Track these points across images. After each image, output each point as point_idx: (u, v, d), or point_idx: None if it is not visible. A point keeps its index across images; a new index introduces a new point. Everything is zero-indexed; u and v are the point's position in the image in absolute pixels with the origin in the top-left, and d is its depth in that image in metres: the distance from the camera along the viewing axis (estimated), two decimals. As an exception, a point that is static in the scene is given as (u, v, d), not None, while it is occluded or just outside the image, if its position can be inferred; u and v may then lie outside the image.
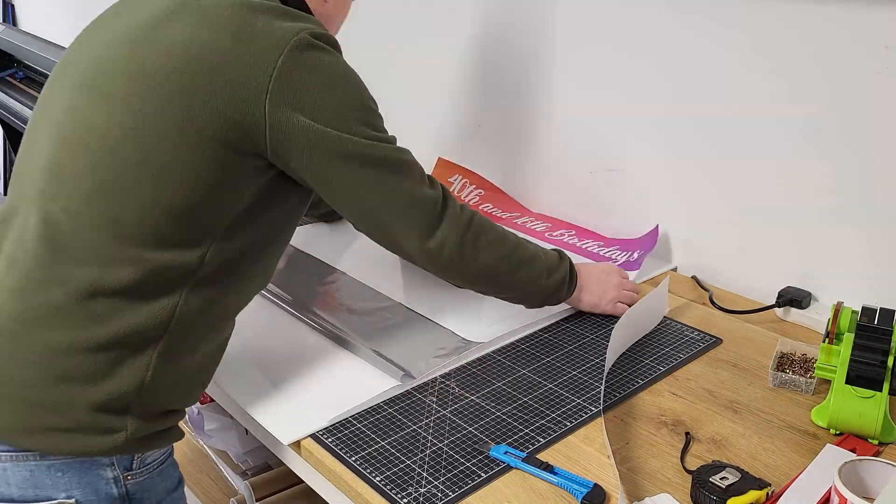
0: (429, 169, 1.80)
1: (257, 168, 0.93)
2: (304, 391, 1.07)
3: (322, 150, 0.93)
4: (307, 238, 1.55)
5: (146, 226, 0.88)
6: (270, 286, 1.33)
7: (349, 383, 1.08)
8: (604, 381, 1.07)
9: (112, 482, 0.92)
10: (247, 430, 1.24)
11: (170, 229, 0.89)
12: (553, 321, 1.24)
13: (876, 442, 0.95)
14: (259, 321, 1.25)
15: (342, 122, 0.94)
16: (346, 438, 0.98)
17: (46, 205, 0.90)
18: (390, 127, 1.04)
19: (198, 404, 1.47)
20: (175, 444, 1.02)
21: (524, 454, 0.93)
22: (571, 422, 1.00)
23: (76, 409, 0.87)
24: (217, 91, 0.88)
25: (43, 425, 0.87)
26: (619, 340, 1.12)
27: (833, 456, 0.91)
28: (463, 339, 1.19)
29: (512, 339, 1.19)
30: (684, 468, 0.92)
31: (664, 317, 1.25)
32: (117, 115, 0.89)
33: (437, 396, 1.06)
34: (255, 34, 0.90)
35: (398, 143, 1.03)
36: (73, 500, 0.90)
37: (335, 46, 0.98)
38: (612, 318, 1.23)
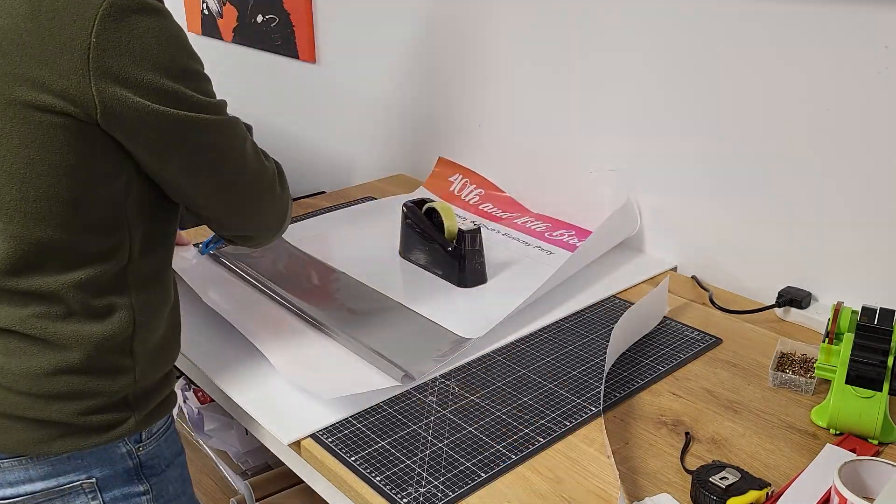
0: (429, 168, 1.81)
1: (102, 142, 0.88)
2: (304, 391, 1.07)
3: (158, 127, 0.87)
4: (307, 238, 1.55)
5: (68, 242, 0.88)
6: (271, 286, 1.33)
7: (349, 383, 1.08)
8: (604, 381, 1.07)
9: (126, 456, 0.96)
10: (247, 430, 1.24)
11: (87, 234, 0.88)
12: (552, 321, 1.24)
13: (876, 442, 0.96)
14: (259, 321, 1.25)
15: (174, 95, 0.88)
16: (346, 438, 0.98)
17: None
18: (391, 127, 1.03)
19: (198, 404, 1.47)
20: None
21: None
22: (571, 422, 1.00)
23: (82, 417, 0.91)
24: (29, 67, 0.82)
25: (55, 435, 0.90)
26: (619, 340, 1.12)
27: (833, 456, 0.91)
28: (461, 336, 1.19)
29: (512, 339, 1.19)
30: (684, 468, 0.92)
31: (664, 316, 1.25)
32: None
33: (437, 396, 1.06)
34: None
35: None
36: (93, 480, 0.94)
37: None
38: (612, 319, 1.23)
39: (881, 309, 1.00)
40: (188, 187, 0.94)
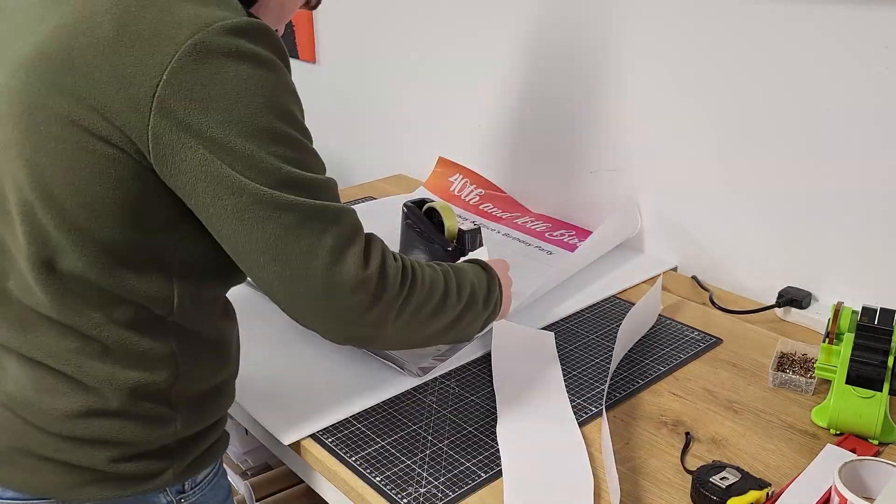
0: (429, 168, 1.80)
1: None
2: (304, 391, 1.07)
3: (215, 191, 0.76)
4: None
5: (106, 279, 0.81)
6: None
7: (349, 383, 1.08)
8: (608, 382, 1.07)
9: None
10: (247, 430, 1.24)
11: (129, 276, 0.81)
12: (552, 321, 1.24)
13: (876, 442, 0.95)
14: (259, 321, 1.25)
15: (247, 158, 0.75)
16: (346, 438, 0.98)
17: None
18: (391, 127, 1.02)
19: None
20: None
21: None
22: (571, 422, 1.00)
23: (114, 465, 0.85)
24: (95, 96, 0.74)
25: (85, 481, 0.85)
26: (624, 341, 1.12)
27: (833, 456, 0.91)
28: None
29: (512, 339, 1.19)
30: (684, 468, 0.92)
31: (665, 316, 1.25)
32: None
33: (437, 396, 1.06)
34: (142, 26, 0.74)
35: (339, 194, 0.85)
36: None
37: (267, 43, 0.78)
38: (612, 319, 1.23)
39: (881, 309, 1.00)
40: (240, 263, 0.83)
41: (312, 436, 0.99)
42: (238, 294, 1.32)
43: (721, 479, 0.86)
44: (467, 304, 0.98)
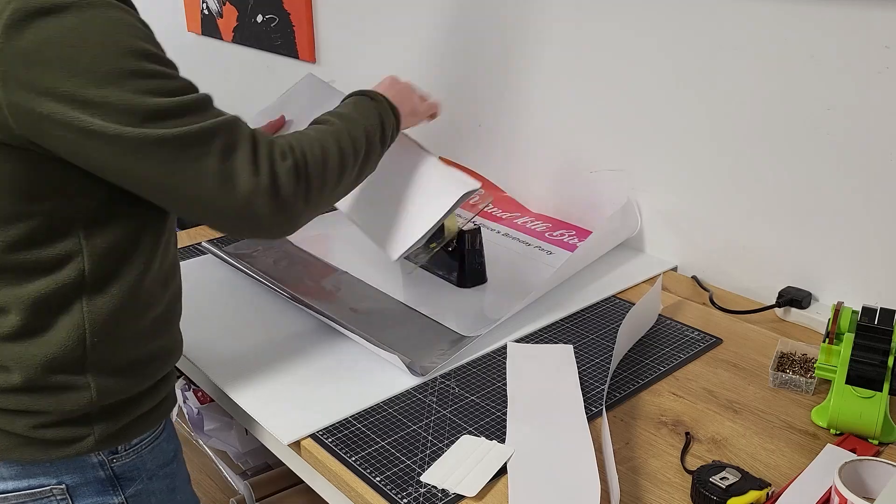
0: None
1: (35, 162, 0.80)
2: (304, 391, 1.07)
3: (89, 145, 0.77)
4: (308, 238, 1.54)
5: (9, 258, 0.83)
6: (272, 285, 1.33)
7: (349, 383, 1.08)
8: (608, 382, 1.07)
9: (98, 466, 0.92)
10: (247, 430, 1.24)
11: (24, 258, 0.83)
12: (552, 321, 1.24)
13: (876, 442, 0.95)
14: (258, 321, 1.25)
15: (104, 104, 0.76)
16: (346, 438, 0.98)
17: None
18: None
19: (197, 404, 1.47)
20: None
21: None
22: (571, 422, 1.00)
23: (35, 431, 0.88)
24: None
25: (14, 444, 0.88)
26: (623, 342, 1.12)
27: (833, 456, 0.91)
28: (461, 335, 1.19)
29: (512, 339, 1.19)
30: (684, 468, 0.92)
31: (665, 316, 1.25)
32: None
33: (437, 396, 1.06)
34: None
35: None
36: (63, 486, 0.91)
37: None
38: (612, 319, 1.23)
39: (881, 309, 1.00)
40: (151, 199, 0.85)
41: (312, 436, 0.99)
42: (238, 293, 1.33)
43: (721, 479, 0.86)
44: (367, 154, 1.02)
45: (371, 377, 1.09)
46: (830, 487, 0.81)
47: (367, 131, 1.03)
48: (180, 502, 1.03)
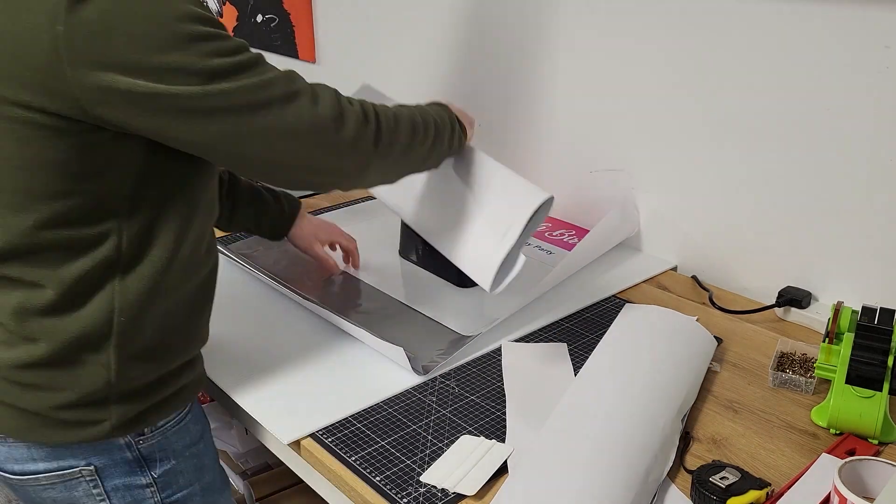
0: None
1: (102, 140, 0.83)
2: (305, 390, 1.07)
3: (158, 111, 0.80)
4: (307, 238, 1.54)
5: (41, 237, 0.85)
6: (272, 285, 1.33)
7: (349, 383, 1.08)
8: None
9: (125, 447, 0.94)
10: (247, 430, 1.24)
11: (68, 237, 0.85)
12: (552, 321, 1.24)
13: (876, 442, 0.95)
14: (258, 321, 1.25)
15: (167, 69, 0.78)
16: (346, 438, 0.98)
17: None
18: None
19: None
20: None
21: None
22: (571, 422, 1.00)
23: (54, 411, 0.89)
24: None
25: (36, 425, 0.90)
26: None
27: (833, 457, 0.91)
28: (461, 335, 1.19)
29: (512, 339, 1.19)
30: (684, 468, 0.92)
31: (664, 317, 1.25)
32: None
33: (437, 396, 1.06)
34: None
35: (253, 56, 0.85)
36: (91, 467, 0.93)
37: None
38: (612, 319, 1.23)
39: (881, 309, 1.00)
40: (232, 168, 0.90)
41: (312, 436, 0.99)
42: (238, 293, 1.33)
43: (721, 478, 0.86)
44: (436, 138, 1.05)
45: (371, 377, 1.09)
46: (830, 487, 0.81)
47: (437, 123, 1.07)
48: (209, 481, 1.05)
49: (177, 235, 0.91)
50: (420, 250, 1.42)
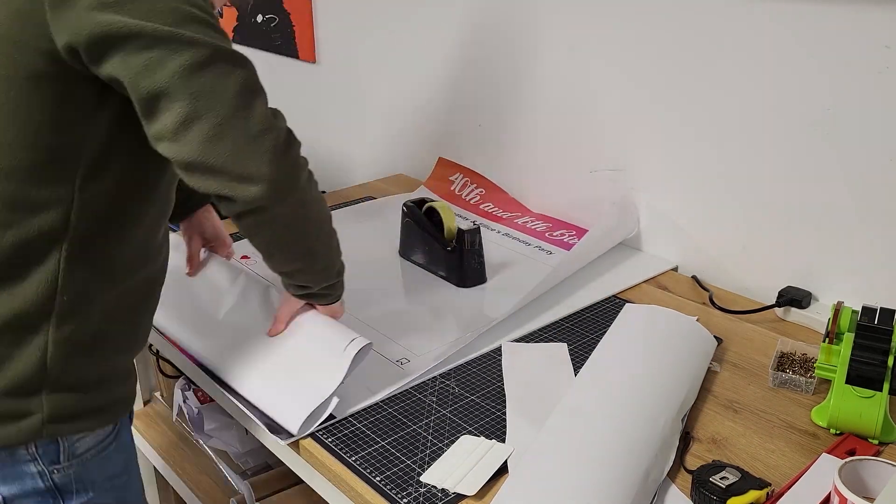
0: (429, 168, 1.81)
1: (85, 97, 0.81)
2: (305, 390, 1.07)
3: (120, 45, 0.77)
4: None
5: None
6: (273, 286, 1.33)
7: (349, 383, 1.08)
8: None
9: (38, 476, 0.87)
10: (247, 430, 1.24)
11: (13, 192, 0.81)
12: (552, 321, 1.24)
13: (876, 442, 0.95)
14: (258, 321, 1.25)
15: (142, 4, 0.77)
16: (346, 438, 0.98)
17: None
18: (391, 127, 1.02)
19: (198, 404, 1.47)
20: (173, 442, 0.98)
21: None
22: (571, 422, 1.00)
23: None
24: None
25: None
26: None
27: (832, 461, 0.91)
28: (461, 335, 1.19)
29: (512, 339, 1.19)
30: (684, 468, 0.92)
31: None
32: None
33: (437, 396, 1.06)
34: None
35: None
36: (0, 498, 0.87)
37: None
38: (612, 319, 1.23)
39: (881, 309, 1.00)
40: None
41: (312, 436, 0.99)
42: (236, 290, 1.33)
43: (721, 478, 0.86)
44: (329, 245, 1.00)
45: (371, 377, 1.09)
46: (830, 487, 0.81)
47: (337, 251, 1.03)
48: None
49: (133, 217, 0.87)
50: (420, 250, 1.42)
